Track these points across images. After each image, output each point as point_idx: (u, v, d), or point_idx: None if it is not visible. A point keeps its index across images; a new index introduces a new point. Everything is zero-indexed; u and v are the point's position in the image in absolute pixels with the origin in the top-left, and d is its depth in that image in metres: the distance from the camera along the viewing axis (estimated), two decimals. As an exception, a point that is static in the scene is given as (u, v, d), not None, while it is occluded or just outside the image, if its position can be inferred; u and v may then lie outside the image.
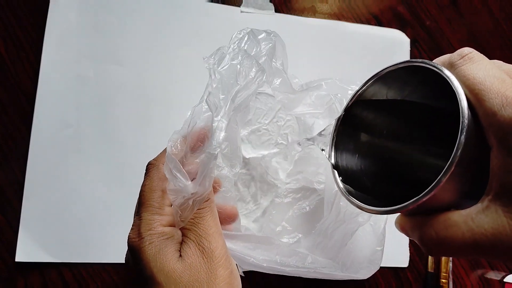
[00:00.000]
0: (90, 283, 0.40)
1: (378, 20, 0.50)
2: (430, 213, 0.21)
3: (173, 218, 0.25)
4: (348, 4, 0.50)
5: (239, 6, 0.47)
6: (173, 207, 0.25)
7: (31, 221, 0.39)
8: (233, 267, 0.26)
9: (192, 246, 0.25)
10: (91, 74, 0.43)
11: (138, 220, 0.25)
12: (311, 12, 0.49)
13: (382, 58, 0.49)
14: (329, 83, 0.37)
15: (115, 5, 0.44)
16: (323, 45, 0.48)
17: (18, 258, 0.39)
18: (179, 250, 0.25)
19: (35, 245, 0.39)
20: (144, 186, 0.26)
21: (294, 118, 0.41)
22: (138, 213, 0.25)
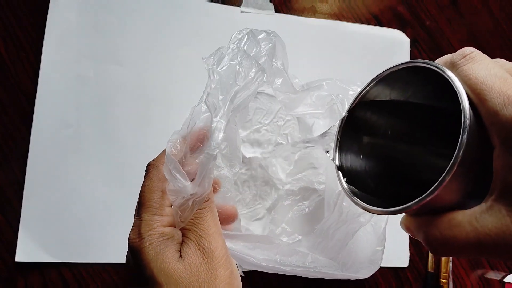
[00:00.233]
0: (90, 283, 0.40)
1: (378, 20, 0.50)
2: (434, 213, 0.21)
3: (173, 219, 0.25)
4: (348, 4, 0.50)
5: (239, 6, 0.47)
6: (173, 207, 0.25)
7: (31, 221, 0.39)
8: (233, 267, 0.26)
9: (192, 246, 0.25)
10: (91, 74, 0.43)
11: (138, 220, 0.25)
12: (311, 12, 0.49)
13: (382, 58, 0.49)
14: (330, 83, 0.37)
15: (115, 5, 0.44)
16: (323, 45, 0.48)
17: (18, 258, 0.39)
18: (180, 251, 0.25)
19: (35, 245, 0.39)
20: (144, 187, 0.26)
21: (294, 118, 0.41)
22: (138, 213, 0.25)
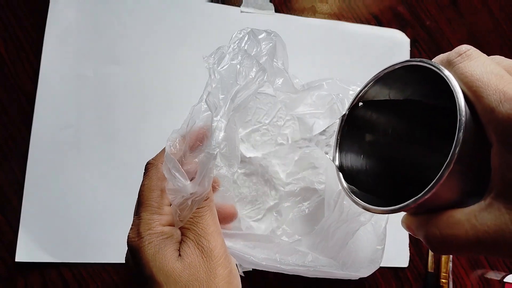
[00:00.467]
0: (90, 283, 0.40)
1: (378, 20, 0.50)
2: (434, 211, 0.21)
3: (173, 218, 0.25)
4: (348, 4, 0.50)
5: (239, 6, 0.47)
6: (172, 206, 0.25)
7: (31, 221, 0.39)
8: (233, 266, 0.26)
9: (191, 245, 0.25)
10: (91, 74, 0.43)
11: (137, 220, 0.25)
12: (311, 12, 0.49)
13: (382, 58, 0.49)
14: (330, 83, 0.37)
15: (115, 5, 0.44)
16: (323, 45, 0.48)
17: (18, 258, 0.39)
18: (179, 250, 0.25)
19: (35, 245, 0.39)
20: (143, 186, 0.26)
21: (294, 118, 0.41)
22: (138, 213, 0.25)
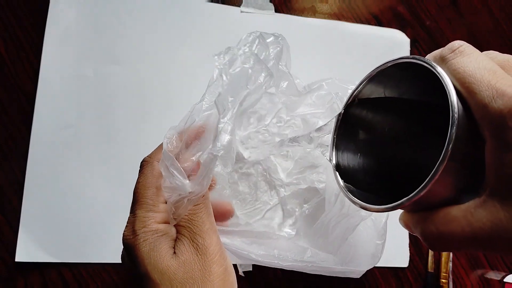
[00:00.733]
0: (90, 283, 0.40)
1: (378, 20, 0.50)
2: (430, 208, 0.21)
3: (167, 215, 0.25)
4: (348, 4, 0.50)
5: (239, 6, 0.47)
6: (168, 204, 0.25)
7: (31, 221, 0.39)
8: (228, 264, 0.26)
9: (186, 243, 0.25)
10: (91, 74, 0.43)
11: (132, 217, 0.25)
12: (311, 12, 0.49)
13: (382, 58, 0.48)
14: (329, 83, 0.37)
15: (115, 5, 0.44)
16: (323, 45, 0.48)
17: (18, 258, 0.39)
18: (174, 247, 0.25)
19: (35, 245, 0.39)
20: (138, 184, 0.26)
21: (294, 118, 0.41)
22: (133, 210, 0.25)
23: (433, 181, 0.19)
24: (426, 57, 0.22)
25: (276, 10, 0.48)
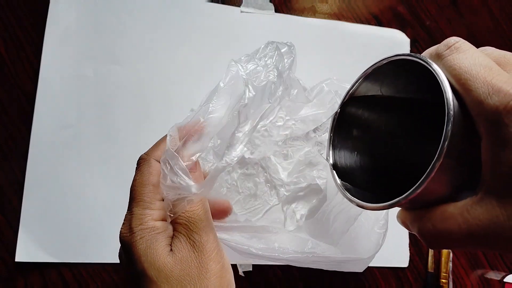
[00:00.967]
0: (90, 283, 0.40)
1: (378, 20, 0.50)
2: (427, 206, 0.21)
3: (165, 213, 0.25)
4: (348, 4, 0.50)
5: (239, 6, 0.47)
6: (165, 201, 0.25)
7: (31, 221, 0.39)
8: (225, 261, 0.26)
9: (183, 240, 0.24)
10: (91, 74, 0.43)
11: (129, 215, 0.25)
12: (311, 12, 0.49)
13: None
14: (329, 83, 0.37)
15: (115, 5, 0.44)
16: (323, 45, 0.48)
17: (18, 258, 0.39)
18: (170, 245, 0.25)
19: (35, 245, 0.39)
20: (135, 181, 0.26)
21: (293, 118, 0.41)
22: (130, 208, 0.25)
23: (429, 179, 0.19)
24: (422, 54, 0.22)
25: (276, 10, 0.48)
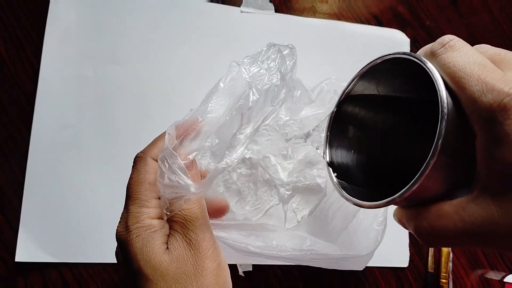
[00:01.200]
0: (90, 283, 0.40)
1: (378, 20, 0.50)
2: (423, 204, 0.21)
3: (161, 211, 0.25)
4: (348, 4, 0.50)
5: (239, 6, 0.47)
6: (162, 199, 0.25)
7: (31, 221, 0.39)
8: (221, 259, 0.26)
9: (179, 238, 0.24)
10: (91, 74, 0.43)
11: (125, 213, 0.25)
12: (311, 12, 0.49)
13: (382, 58, 0.49)
14: (328, 83, 0.37)
15: (115, 5, 0.44)
16: (323, 45, 0.48)
17: (18, 258, 0.39)
18: (167, 243, 0.25)
19: (35, 245, 0.39)
20: (131, 179, 0.26)
21: (293, 118, 0.41)
22: (126, 206, 0.25)
23: (423, 177, 0.19)
24: (417, 53, 0.22)
25: (276, 10, 0.48)
